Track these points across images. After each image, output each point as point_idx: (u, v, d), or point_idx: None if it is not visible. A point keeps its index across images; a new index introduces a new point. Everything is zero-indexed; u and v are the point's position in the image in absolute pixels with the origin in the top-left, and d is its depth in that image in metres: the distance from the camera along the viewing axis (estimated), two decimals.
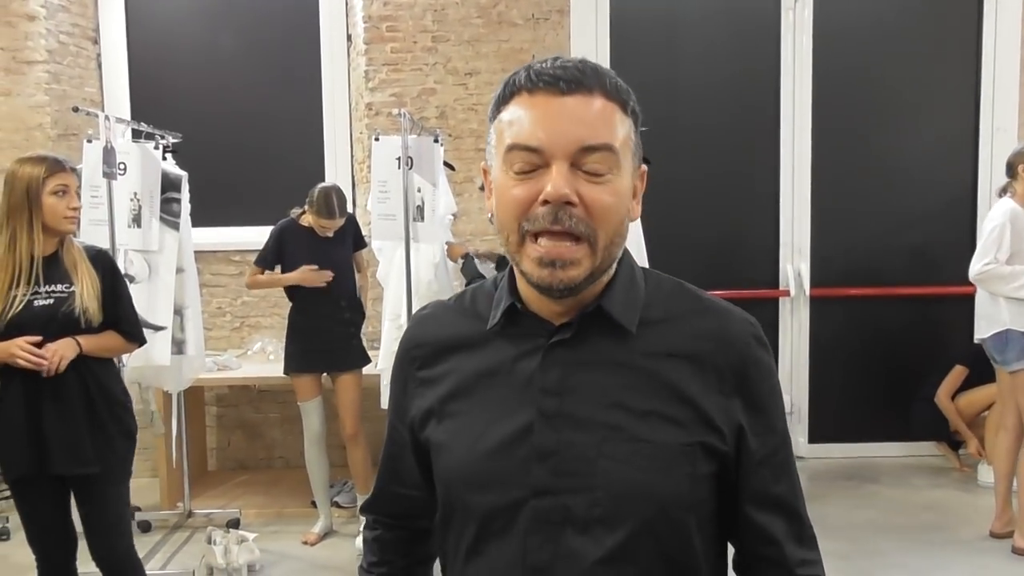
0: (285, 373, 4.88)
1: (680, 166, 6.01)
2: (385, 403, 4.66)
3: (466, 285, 4.67)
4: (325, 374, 4.90)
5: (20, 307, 3.00)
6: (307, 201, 4.76)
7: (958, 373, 5.79)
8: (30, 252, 3.04)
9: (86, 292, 3.08)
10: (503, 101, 1.23)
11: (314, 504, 5.06)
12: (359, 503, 5.05)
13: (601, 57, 5.97)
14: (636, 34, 6.06)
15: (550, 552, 1.22)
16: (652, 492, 1.21)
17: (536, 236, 1.18)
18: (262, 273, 4.88)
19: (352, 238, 4.97)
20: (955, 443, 5.99)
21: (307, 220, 4.81)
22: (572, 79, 1.18)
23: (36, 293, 3.04)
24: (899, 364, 6.24)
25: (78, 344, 3.04)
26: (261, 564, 4.55)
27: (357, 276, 5.02)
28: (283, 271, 4.84)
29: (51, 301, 3.05)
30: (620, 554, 1.21)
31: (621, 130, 1.21)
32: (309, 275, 4.74)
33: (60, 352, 2.98)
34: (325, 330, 4.80)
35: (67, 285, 3.08)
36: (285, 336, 4.90)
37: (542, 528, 1.22)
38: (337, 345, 4.83)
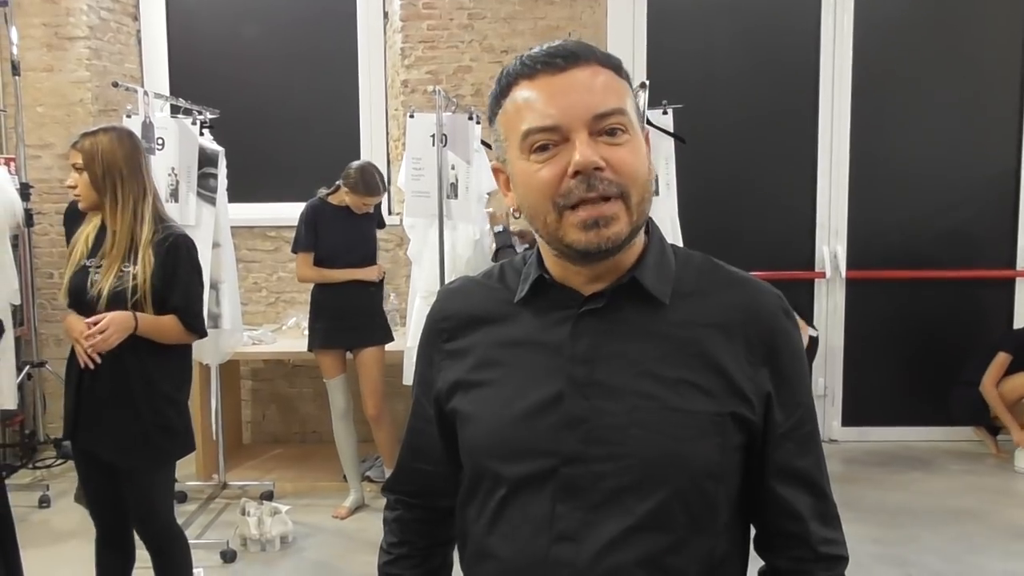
0: (309, 349, 4.90)
1: (717, 146, 5.97)
2: (409, 379, 4.72)
3: (495, 251, 4.66)
4: (348, 352, 4.94)
5: (71, 274, 3.09)
6: (344, 180, 4.76)
7: (1002, 360, 5.72)
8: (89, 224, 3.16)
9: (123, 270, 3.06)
10: (502, 95, 1.25)
11: (346, 478, 5.11)
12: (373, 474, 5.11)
13: (638, 36, 5.96)
14: (674, 11, 6.03)
15: (578, 520, 1.22)
16: (683, 460, 1.21)
17: (574, 207, 1.19)
18: (311, 259, 4.81)
19: (375, 214, 4.99)
20: (993, 428, 5.94)
21: (339, 199, 4.81)
22: (566, 54, 1.21)
23: (88, 265, 3.08)
24: (936, 348, 6.19)
25: (135, 320, 3.01)
26: (294, 536, 4.60)
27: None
28: (317, 252, 4.82)
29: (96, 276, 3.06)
30: (650, 523, 1.21)
31: (623, 94, 1.23)
32: (370, 271, 4.83)
33: (114, 323, 2.95)
34: (351, 306, 4.83)
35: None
36: (309, 313, 4.91)
37: (571, 495, 1.23)
38: (362, 321, 4.87)
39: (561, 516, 1.23)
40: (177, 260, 3.10)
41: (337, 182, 4.83)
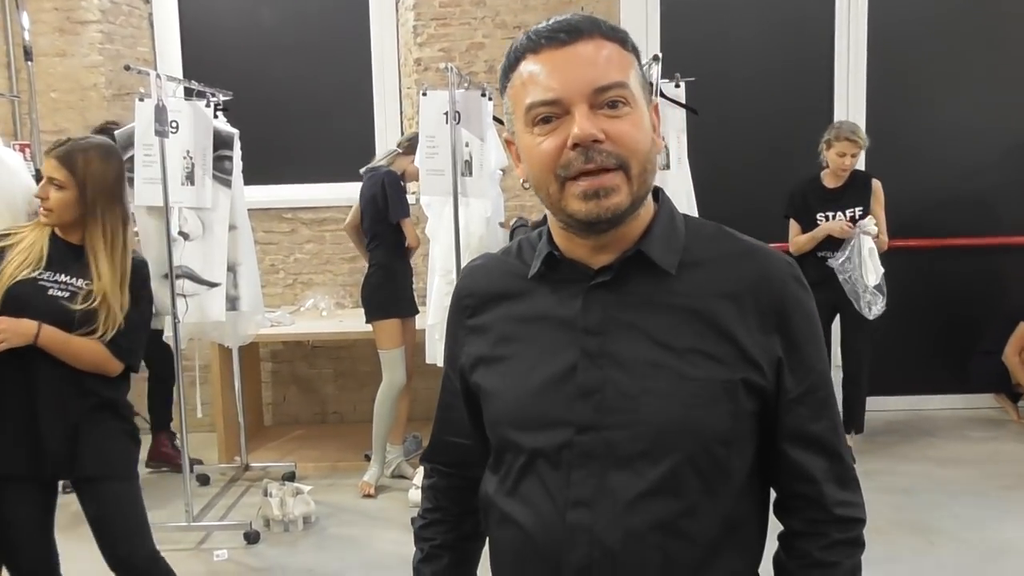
0: (380, 318, 4.89)
1: (731, 119, 5.96)
2: (431, 358, 4.75)
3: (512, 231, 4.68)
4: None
5: (11, 284, 2.76)
6: (411, 150, 4.83)
7: (1021, 327, 5.72)
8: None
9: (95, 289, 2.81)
10: (510, 69, 1.28)
11: (367, 458, 5.13)
12: (393, 451, 5.15)
13: (651, 8, 5.93)
14: None
15: (593, 486, 1.26)
16: (694, 426, 1.24)
17: (575, 179, 1.22)
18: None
19: None
20: (1014, 395, 5.93)
21: (400, 166, 4.92)
22: (570, 29, 1.23)
23: (41, 278, 2.79)
24: (956, 316, 6.18)
25: (38, 330, 2.70)
26: (316, 516, 4.63)
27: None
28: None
29: (61, 292, 2.79)
30: (662, 487, 1.25)
31: (627, 66, 1.25)
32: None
33: (9, 331, 2.68)
34: (409, 273, 5.01)
35: (78, 279, 2.82)
36: (373, 283, 4.91)
37: (586, 463, 1.27)
38: (411, 289, 5.03)
39: (576, 483, 1.27)
40: (136, 286, 2.89)
41: (395, 151, 4.95)
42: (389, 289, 4.90)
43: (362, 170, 5.01)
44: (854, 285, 5.03)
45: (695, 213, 4.67)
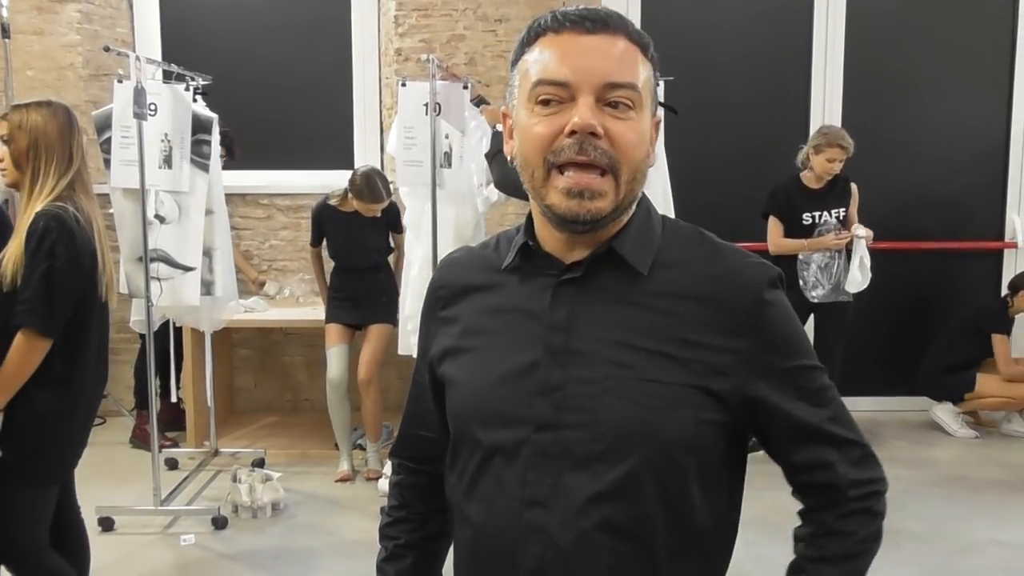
0: (326, 321, 5.16)
1: (710, 119, 5.98)
2: (402, 349, 4.77)
3: (493, 155, 4.66)
4: (358, 330, 5.18)
5: None
6: (349, 186, 4.97)
7: (1001, 343, 5.68)
8: None
9: None
10: (527, 43, 1.26)
11: (337, 447, 5.14)
12: (370, 448, 5.17)
13: (632, 6, 5.95)
14: None
15: (548, 486, 1.24)
16: (654, 430, 1.22)
17: (561, 169, 1.20)
18: (317, 252, 5.30)
19: (388, 219, 5.17)
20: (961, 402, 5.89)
21: (349, 205, 5.04)
22: (598, 19, 1.21)
23: None
24: (923, 318, 6.25)
25: None
26: (285, 503, 4.63)
27: (395, 256, 5.35)
28: (327, 249, 5.24)
29: None
30: (618, 491, 1.22)
31: (643, 72, 1.23)
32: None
33: None
34: (360, 289, 5.11)
35: None
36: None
37: (542, 462, 1.24)
38: (368, 305, 5.11)
39: (532, 482, 1.25)
40: (33, 242, 2.60)
41: (345, 187, 5.03)
42: (328, 299, 5.19)
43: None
44: (817, 274, 5.10)
45: (672, 210, 4.70)
